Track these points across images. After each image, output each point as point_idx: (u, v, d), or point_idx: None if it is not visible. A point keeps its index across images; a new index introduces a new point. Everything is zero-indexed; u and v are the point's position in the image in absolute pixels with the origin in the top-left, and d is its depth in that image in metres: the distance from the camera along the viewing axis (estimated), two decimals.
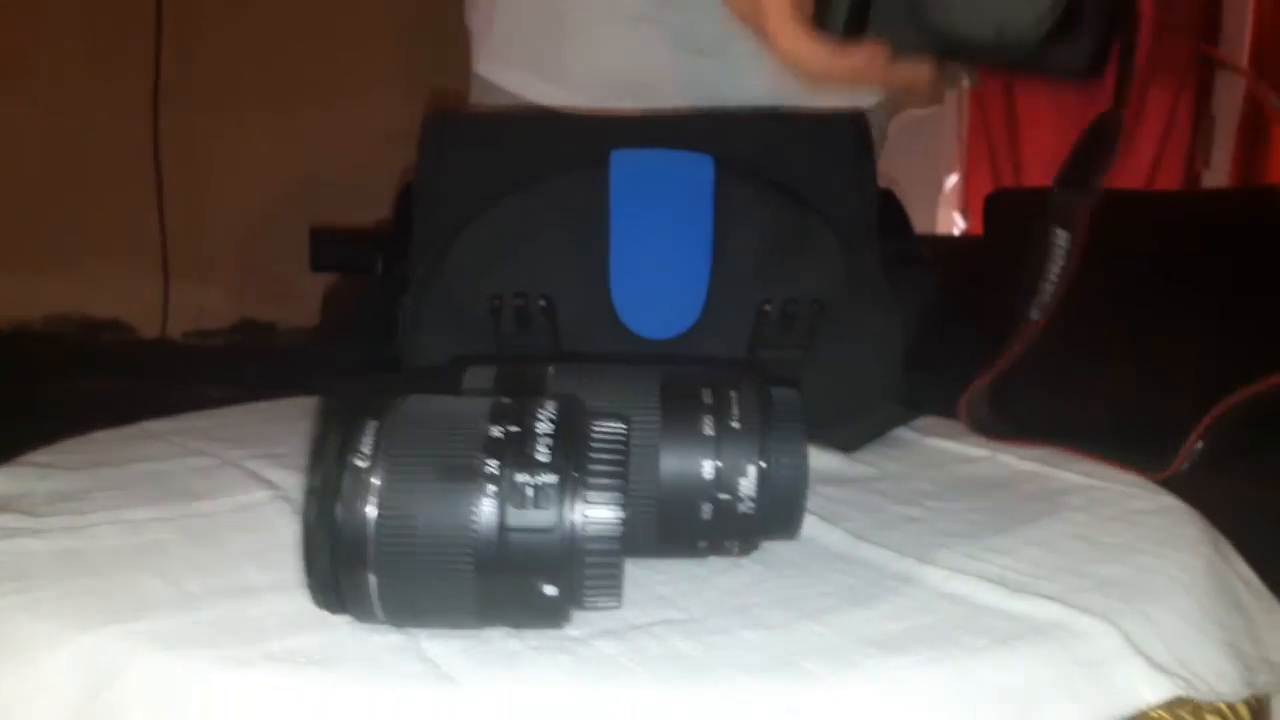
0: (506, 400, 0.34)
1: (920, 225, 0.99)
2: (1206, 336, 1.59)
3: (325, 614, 0.35)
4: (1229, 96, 2.83)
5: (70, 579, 0.39)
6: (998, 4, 0.47)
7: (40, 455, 0.57)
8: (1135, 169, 2.81)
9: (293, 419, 0.64)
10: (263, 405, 0.73)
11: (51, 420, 0.63)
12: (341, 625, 0.35)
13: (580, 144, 0.61)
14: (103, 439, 0.63)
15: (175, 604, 0.37)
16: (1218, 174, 2.84)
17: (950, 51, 0.50)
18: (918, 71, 0.54)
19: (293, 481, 0.51)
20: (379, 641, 0.34)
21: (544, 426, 0.33)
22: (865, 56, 0.52)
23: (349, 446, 0.32)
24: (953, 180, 2.86)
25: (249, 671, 0.32)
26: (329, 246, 1.19)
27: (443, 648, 0.33)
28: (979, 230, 2.41)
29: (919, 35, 0.49)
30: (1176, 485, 0.54)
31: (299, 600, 0.36)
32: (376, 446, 0.32)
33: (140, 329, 1.93)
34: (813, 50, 0.52)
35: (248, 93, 1.83)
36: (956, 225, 2.83)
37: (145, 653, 0.33)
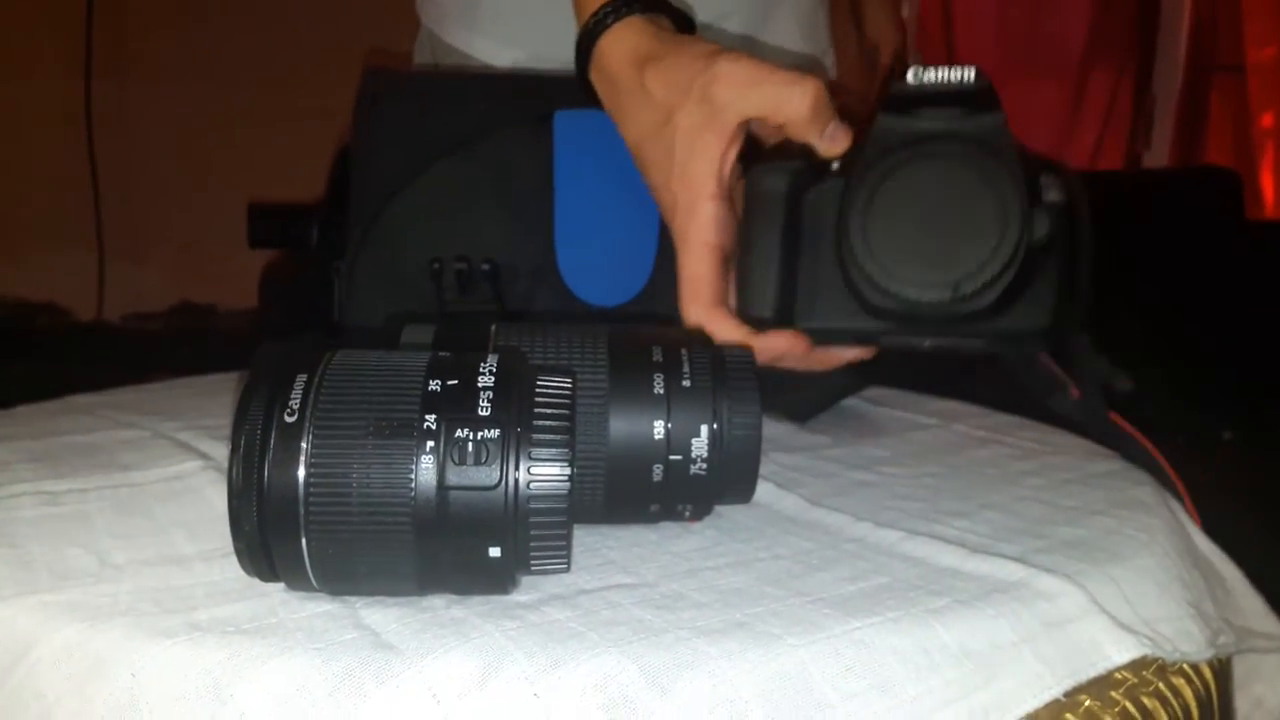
0: (445, 354, 0.32)
1: None
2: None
3: (256, 582, 0.33)
4: (1169, 79, 2.87)
5: None
6: (949, 263, 0.42)
7: None
8: (1078, 151, 2.84)
9: (227, 392, 0.61)
10: (196, 380, 0.70)
11: None
12: (274, 593, 0.33)
13: (523, 104, 0.59)
14: (26, 413, 0.60)
15: (96, 574, 0.35)
16: (1158, 155, 2.88)
17: (896, 325, 0.44)
18: (845, 355, 0.49)
19: (226, 453, 0.49)
20: (313, 609, 0.32)
21: (485, 380, 0.31)
22: (788, 341, 0.46)
23: (276, 402, 0.30)
24: None
25: (172, 642, 0.30)
26: (267, 221, 1.16)
27: (381, 615, 0.32)
28: None
29: (859, 316, 0.44)
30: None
31: (229, 569, 0.34)
32: (305, 401, 0.30)
33: (76, 312, 1.88)
34: (732, 332, 0.47)
35: (185, 69, 1.78)
36: None
37: (62, 624, 0.31)
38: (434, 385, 0.31)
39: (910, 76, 0.43)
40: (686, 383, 0.38)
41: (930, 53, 2.77)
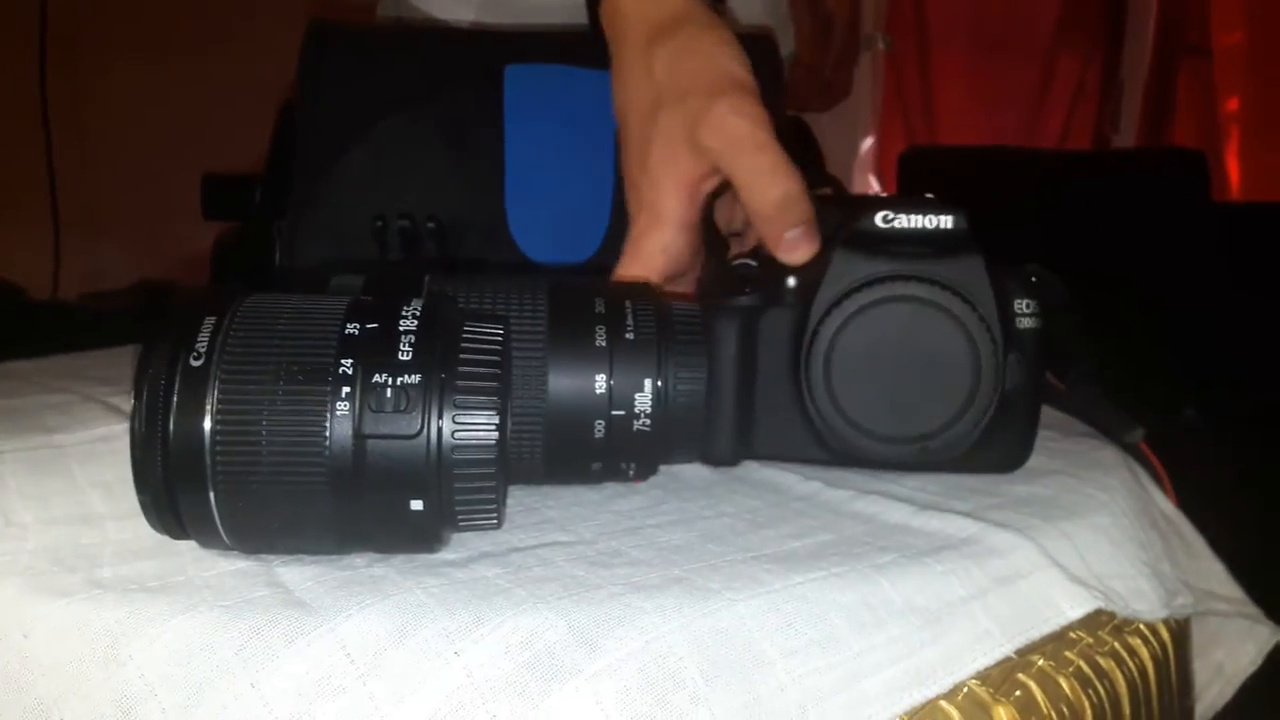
0: (367, 298, 0.31)
1: None
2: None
3: (169, 541, 0.31)
4: (1137, 62, 2.88)
5: None
6: (917, 418, 0.38)
7: None
8: (1047, 131, 2.85)
9: None
10: (137, 347, 0.68)
11: None
12: (186, 552, 0.31)
13: (473, 58, 0.57)
14: None
15: None
16: (1126, 137, 2.89)
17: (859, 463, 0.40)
18: None
19: None
20: (225, 567, 0.30)
21: (408, 324, 0.29)
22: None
23: (182, 346, 0.28)
24: (868, 143, 2.87)
25: (69, 600, 0.28)
26: (221, 192, 1.13)
27: (297, 573, 0.30)
28: (894, 191, 2.42)
29: (820, 449, 0.40)
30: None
31: (143, 529, 0.32)
32: (213, 345, 0.28)
33: (31, 290, 1.84)
34: None
35: (141, 40, 1.74)
36: (873, 188, 2.84)
37: None
38: (352, 328, 0.29)
39: (879, 220, 0.38)
40: (630, 335, 0.36)
41: (899, 28, 2.76)
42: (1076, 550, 0.35)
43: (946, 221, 0.38)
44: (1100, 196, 2.00)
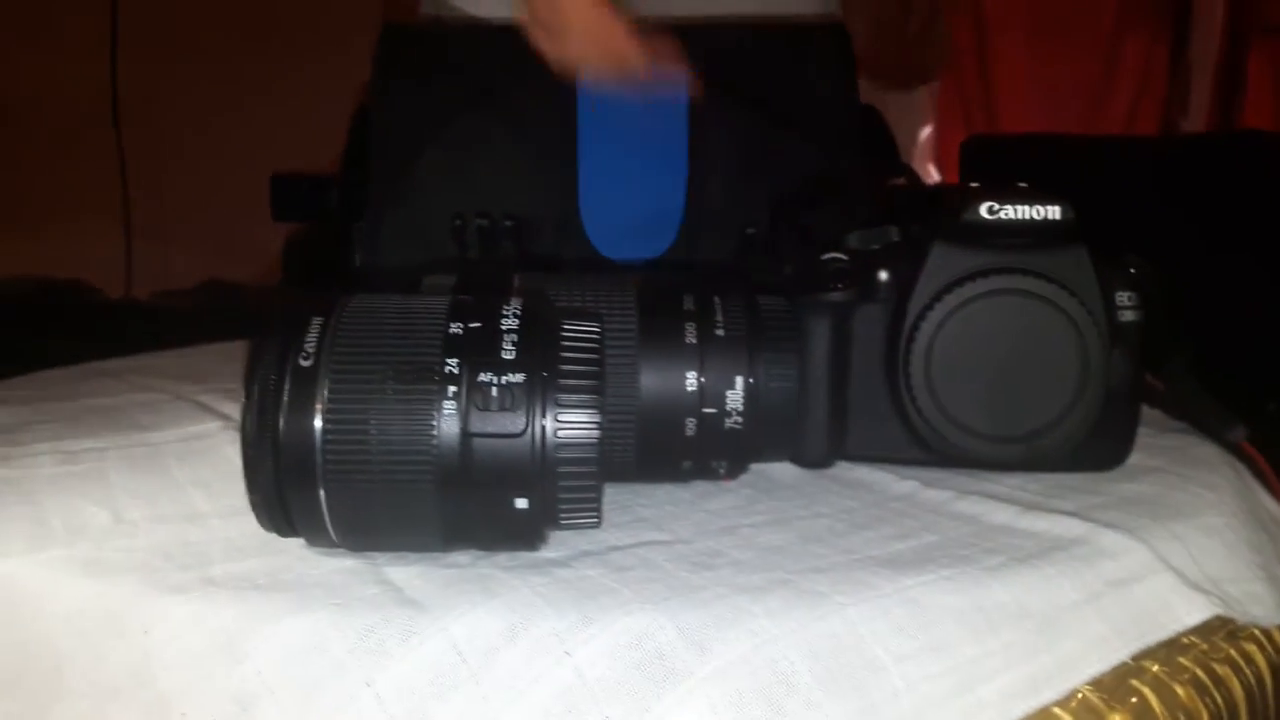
0: (467, 297, 0.31)
1: None
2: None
3: (274, 539, 0.31)
4: (1206, 43, 2.80)
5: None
6: (1022, 417, 0.37)
7: None
8: (1111, 119, 2.79)
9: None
10: (220, 346, 0.69)
11: None
12: (292, 549, 0.32)
13: None
14: (50, 377, 0.59)
15: (110, 530, 0.33)
16: (1195, 122, 2.82)
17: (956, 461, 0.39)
18: None
19: None
20: (332, 565, 0.30)
21: (509, 323, 0.29)
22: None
23: (291, 347, 0.29)
24: (927, 132, 2.83)
25: (186, 598, 0.28)
26: (290, 193, 1.15)
27: (404, 571, 0.30)
28: (955, 180, 2.38)
29: (916, 448, 0.39)
30: None
31: (247, 526, 0.33)
32: (321, 346, 0.29)
33: (104, 290, 1.88)
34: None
35: (211, 41, 1.77)
36: (932, 177, 2.80)
37: (75, 579, 0.30)
38: (455, 328, 0.29)
39: (984, 211, 0.37)
40: (720, 332, 0.36)
41: (956, 13, 2.71)
42: (1189, 553, 0.34)
43: (1054, 212, 0.37)
44: (1171, 182, 1.95)
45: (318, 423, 0.28)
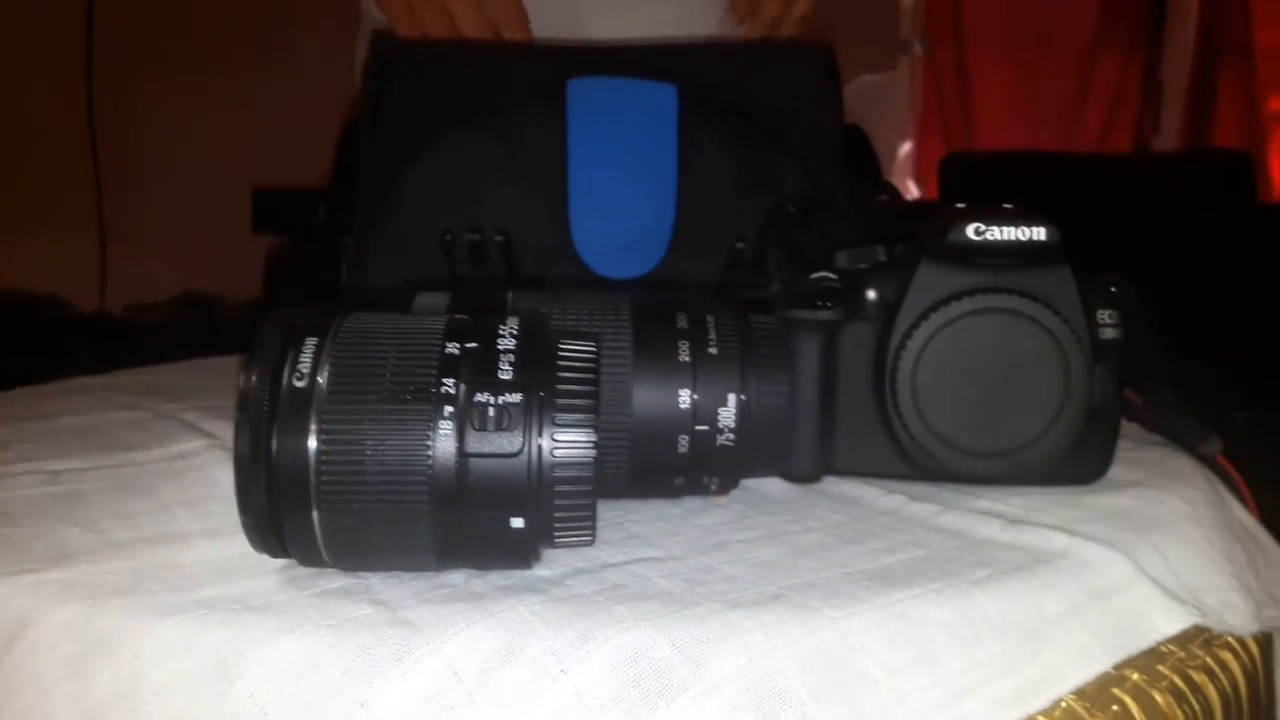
0: (463, 316, 0.31)
1: None
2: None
3: (265, 559, 0.31)
4: (1178, 62, 2.85)
5: None
6: (1006, 433, 0.38)
7: None
8: (1086, 133, 2.82)
9: (234, 374, 0.60)
10: (202, 361, 0.69)
11: None
12: (284, 570, 0.32)
13: (535, 72, 0.58)
14: (26, 395, 0.59)
15: (96, 552, 0.33)
16: (1167, 140, 2.86)
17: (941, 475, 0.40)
18: None
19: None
20: (325, 586, 0.30)
21: (506, 342, 0.29)
22: None
23: (285, 366, 0.29)
24: (906, 148, 2.86)
25: (176, 620, 0.28)
26: (271, 206, 1.15)
27: (398, 591, 0.30)
28: (934, 196, 2.40)
29: (902, 464, 0.40)
30: None
31: (236, 546, 0.33)
32: (316, 365, 0.29)
33: (78, 303, 1.86)
34: None
35: (187, 52, 1.76)
36: (911, 192, 2.83)
37: (60, 603, 0.30)
38: (452, 348, 0.29)
39: (971, 232, 0.38)
40: (713, 350, 0.36)
41: (937, 31, 2.74)
42: (1168, 564, 0.35)
43: (1040, 233, 0.37)
44: (1144, 200, 1.98)
45: (312, 443, 0.28)
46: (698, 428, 0.36)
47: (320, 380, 0.28)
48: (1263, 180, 2.53)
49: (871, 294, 0.39)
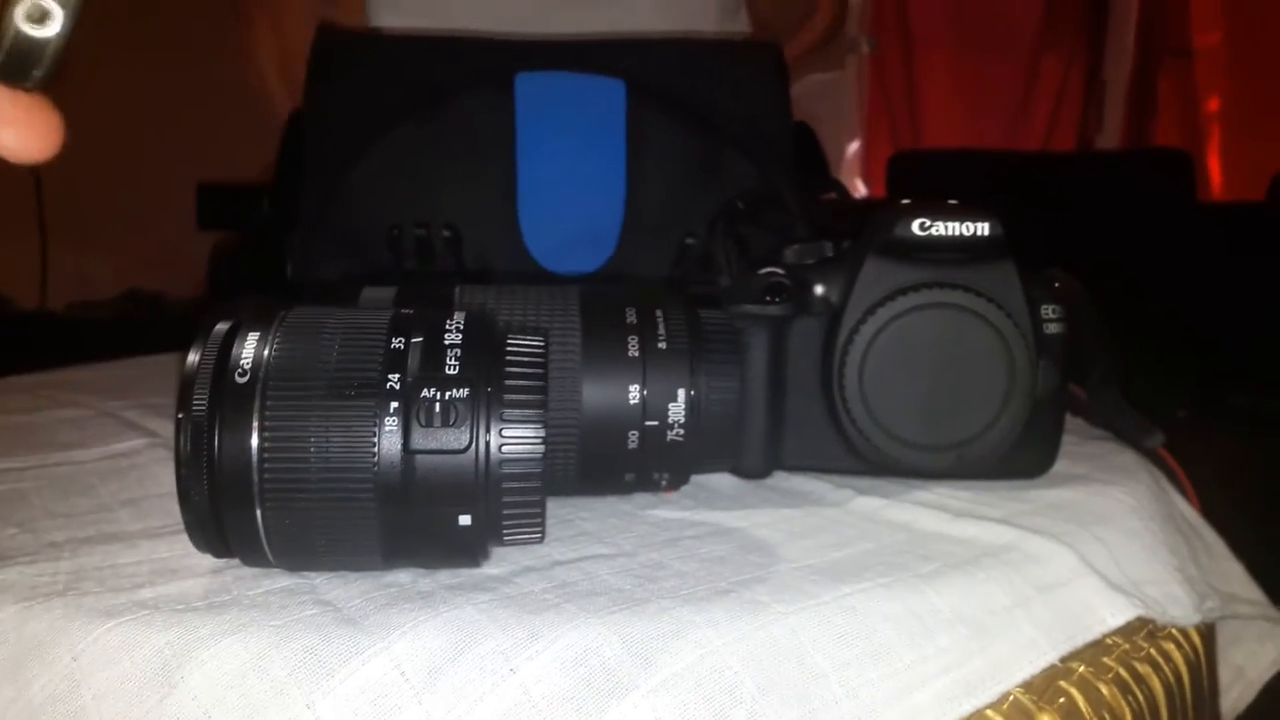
0: (408, 311, 0.30)
1: None
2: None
3: (208, 559, 0.31)
4: (1119, 63, 2.90)
5: None
6: (953, 426, 0.38)
7: None
8: (1031, 132, 2.87)
9: (176, 372, 0.59)
10: (144, 358, 0.67)
11: None
12: (227, 570, 0.31)
13: (483, 66, 0.57)
14: None
15: (33, 552, 0.32)
16: (1109, 138, 2.91)
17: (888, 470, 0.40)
18: None
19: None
20: (269, 586, 0.30)
21: (452, 337, 0.29)
22: None
23: (226, 362, 0.28)
24: (854, 146, 2.88)
25: (117, 622, 0.27)
26: (217, 201, 1.13)
27: (343, 590, 0.30)
28: (882, 194, 2.43)
29: (850, 458, 0.40)
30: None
31: (178, 546, 0.32)
32: (258, 361, 0.28)
33: (17, 301, 1.82)
34: None
35: (130, 44, 1.72)
36: (859, 190, 2.85)
37: None
38: (397, 343, 0.29)
39: (915, 228, 0.38)
40: (663, 345, 0.36)
41: (884, 30, 2.76)
42: (1112, 556, 0.36)
43: (984, 228, 0.38)
44: (1087, 198, 2.01)
45: (255, 440, 0.27)
46: (647, 423, 0.36)
47: (263, 376, 0.28)
48: (1201, 179, 2.58)
49: (819, 289, 0.40)
